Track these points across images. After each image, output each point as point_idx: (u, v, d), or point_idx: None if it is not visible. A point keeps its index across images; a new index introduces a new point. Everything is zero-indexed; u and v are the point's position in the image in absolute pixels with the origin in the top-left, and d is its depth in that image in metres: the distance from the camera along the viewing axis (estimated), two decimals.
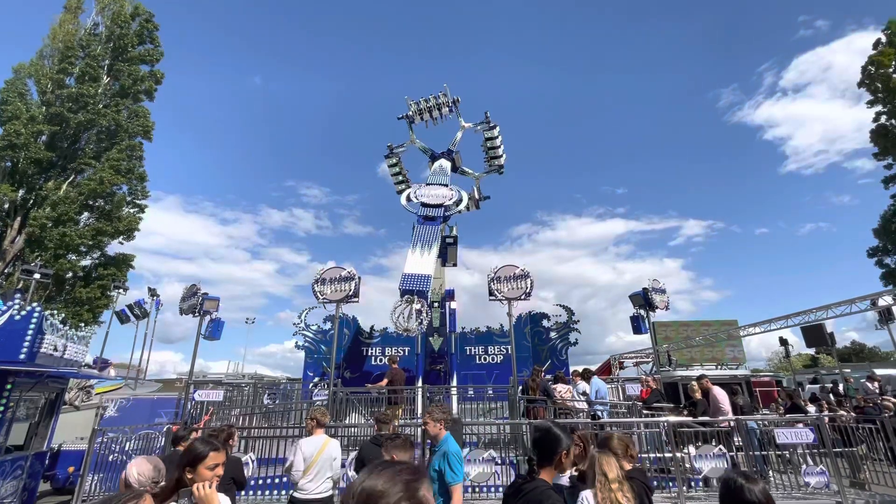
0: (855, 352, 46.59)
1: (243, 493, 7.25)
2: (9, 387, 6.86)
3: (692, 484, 7.94)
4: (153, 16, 24.51)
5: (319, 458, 4.55)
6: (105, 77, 22.76)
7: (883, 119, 22.66)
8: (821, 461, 7.70)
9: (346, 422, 10.24)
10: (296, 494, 4.52)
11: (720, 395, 8.99)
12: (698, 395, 9.50)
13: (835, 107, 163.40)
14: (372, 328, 14.93)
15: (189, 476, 2.35)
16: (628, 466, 3.27)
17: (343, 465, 7.10)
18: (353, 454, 6.60)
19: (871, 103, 23.02)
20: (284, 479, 7.53)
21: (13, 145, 19.09)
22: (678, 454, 7.75)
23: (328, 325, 14.24)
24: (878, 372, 17.17)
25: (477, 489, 7.63)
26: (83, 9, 23.89)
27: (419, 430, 8.09)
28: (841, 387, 15.77)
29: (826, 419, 8.12)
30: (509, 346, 11.76)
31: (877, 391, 12.96)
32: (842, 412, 10.49)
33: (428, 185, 14.25)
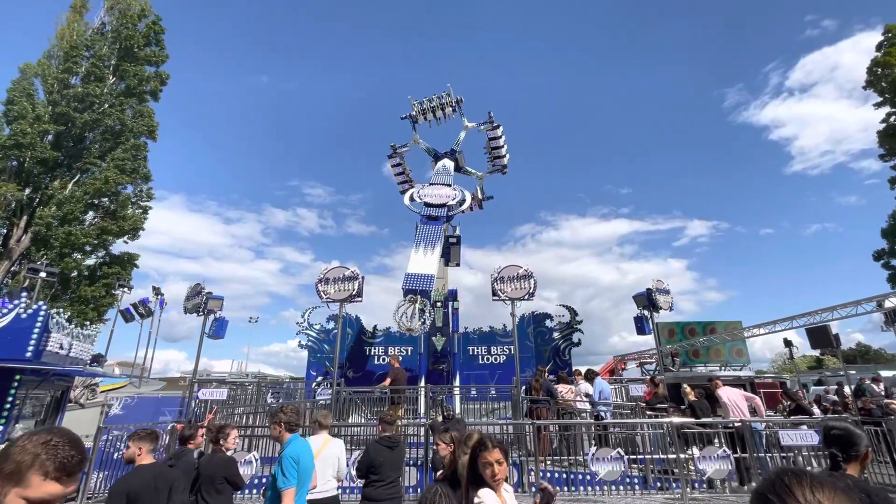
0: (861, 353, 46.24)
1: (246, 492, 7.27)
2: (15, 384, 6.91)
3: (696, 485, 7.92)
4: (160, 18, 24.61)
5: (319, 457, 4.55)
6: (111, 77, 22.88)
7: (893, 119, 22.43)
8: (826, 463, 7.65)
9: (350, 421, 10.26)
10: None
11: (723, 396, 8.91)
12: (691, 398, 9.46)
13: (841, 107, 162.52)
14: (375, 328, 14.95)
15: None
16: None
17: (347, 465, 7.13)
18: (356, 454, 6.61)
19: (878, 105, 22.82)
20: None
21: (19, 144, 19.21)
22: (682, 455, 7.73)
23: (331, 325, 14.27)
24: (884, 374, 17.06)
25: None
26: (88, 8, 24.01)
27: (421, 429, 8.10)
28: (847, 389, 15.66)
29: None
30: (512, 347, 11.76)
31: (882, 393, 12.87)
32: (846, 415, 10.41)
33: (431, 184, 14.25)
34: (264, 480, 7.56)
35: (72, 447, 1.16)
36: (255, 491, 7.56)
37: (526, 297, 10.43)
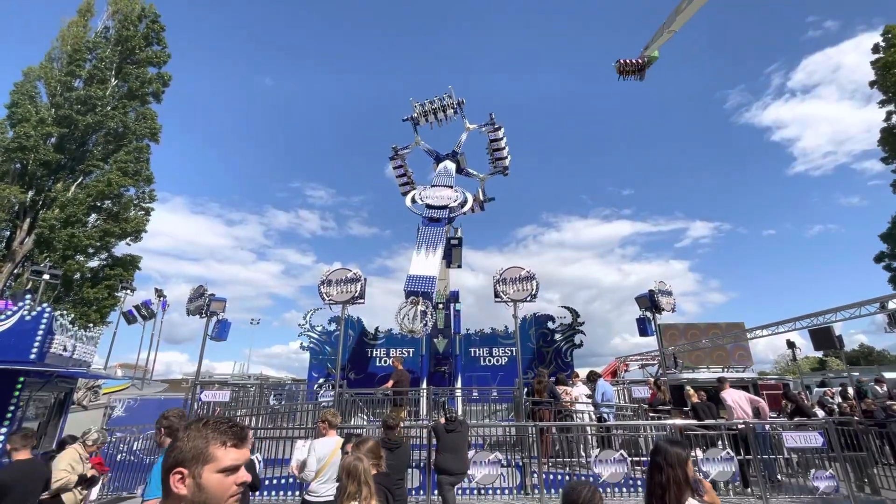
0: (864, 355, 46.04)
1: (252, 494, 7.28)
2: (19, 386, 6.92)
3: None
4: (159, 16, 24.71)
5: (332, 459, 4.54)
6: (113, 79, 22.99)
7: (895, 119, 22.26)
8: (830, 465, 7.63)
9: (352, 423, 10.26)
10: (308, 497, 4.50)
11: (727, 398, 8.87)
12: (694, 400, 9.43)
13: (844, 108, 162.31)
14: (376, 329, 14.95)
15: None
16: (374, 472, 3.27)
17: None
18: None
19: (882, 103, 22.67)
20: (291, 480, 7.56)
21: (23, 147, 19.30)
22: None
23: (333, 326, 14.27)
24: (887, 375, 16.98)
25: (483, 491, 7.62)
26: (94, 12, 24.15)
27: (424, 431, 8.10)
28: (850, 390, 15.60)
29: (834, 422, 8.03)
30: (514, 348, 11.73)
31: (885, 394, 12.83)
32: (854, 417, 10.37)
33: (433, 186, 14.26)
34: (266, 482, 7.57)
35: (227, 419, 1.31)
36: (264, 493, 7.55)
37: (528, 299, 10.41)
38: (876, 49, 22.26)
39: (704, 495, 2.46)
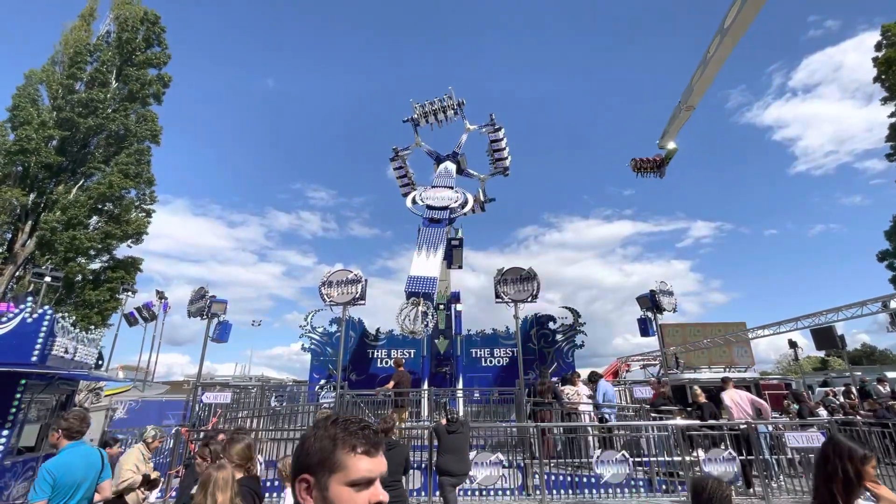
0: (866, 354, 45.91)
1: None
2: (20, 388, 6.93)
3: None
4: (159, 18, 24.78)
5: None
6: (114, 82, 23.04)
7: None
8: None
9: None
10: None
11: (726, 399, 8.84)
12: (702, 399, 9.40)
13: (845, 107, 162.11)
14: (378, 330, 14.95)
15: None
16: (238, 474, 3.16)
17: None
18: None
19: (884, 100, 22.62)
20: None
21: (24, 150, 19.35)
22: (687, 458, 7.69)
23: (334, 328, 14.27)
24: (890, 375, 16.92)
25: (485, 492, 7.60)
26: (96, 16, 24.22)
27: (426, 432, 8.10)
28: (854, 390, 15.55)
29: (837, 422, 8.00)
30: (515, 349, 11.73)
31: (888, 394, 12.78)
32: (858, 416, 10.33)
33: (433, 187, 14.26)
34: (268, 485, 7.57)
35: (359, 419, 1.11)
36: (265, 494, 7.54)
37: (529, 300, 10.41)
38: (878, 47, 22.24)
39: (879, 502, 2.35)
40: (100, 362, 8.78)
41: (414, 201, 14.04)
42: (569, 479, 7.95)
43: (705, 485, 2.25)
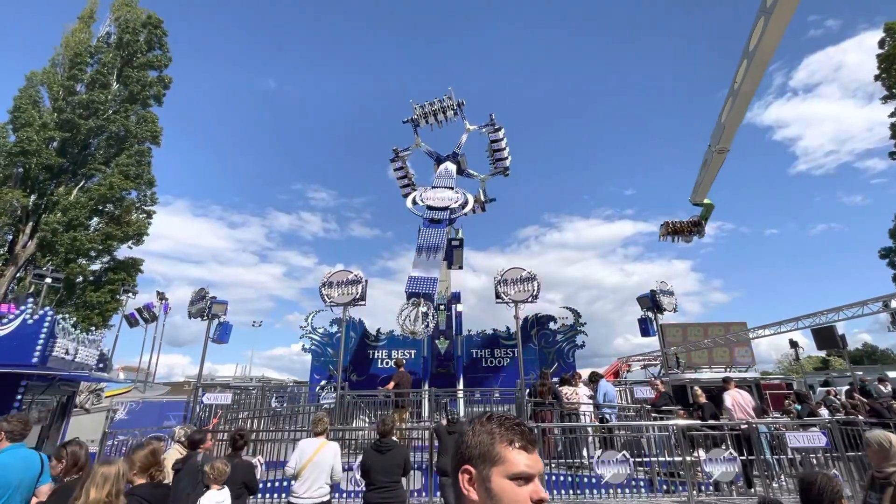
0: (867, 354, 45.85)
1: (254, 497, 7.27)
2: (21, 389, 6.94)
3: (702, 488, 7.86)
4: (162, 22, 24.82)
5: (311, 462, 4.59)
6: (114, 83, 23.08)
7: None
8: (834, 465, 7.59)
9: (353, 425, 10.25)
10: (291, 499, 4.61)
11: (727, 399, 8.82)
12: (702, 399, 9.39)
13: (846, 106, 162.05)
14: (378, 331, 14.94)
15: None
16: (140, 480, 3.08)
17: (350, 468, 7.12)
18: (360, 458, 6.60)
19: (885, 99, 22.59)
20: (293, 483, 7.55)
21: (25, 151, 19.40)
22: (688, 458, 7.68)
23: (335, 328, 14.27)
24: (891, 374, 16.88)
25: None
26: (96, 18, 24.27)
27: (426, 433, 8.09)
28: (856, 394, 15.51)
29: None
30: (516, 349, 11.72)
31: (889, 394, 12.74)
32: (860, 416, 10.30)
33: (433, 187, 14.27)
34: (269, 485, 7.57)
35: (514, 417, 1.13)
36: (266, 495, 7.54)
37: (529, 300, 10.39)
38: (882, 44, 22.23)
39: None
40: (104, 364, 8.78)
41: (414, 202, 14.05)
42: (569, 479, 7.95)
43: (815, 479, 2.23)
